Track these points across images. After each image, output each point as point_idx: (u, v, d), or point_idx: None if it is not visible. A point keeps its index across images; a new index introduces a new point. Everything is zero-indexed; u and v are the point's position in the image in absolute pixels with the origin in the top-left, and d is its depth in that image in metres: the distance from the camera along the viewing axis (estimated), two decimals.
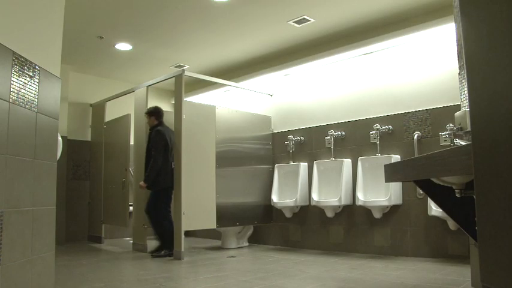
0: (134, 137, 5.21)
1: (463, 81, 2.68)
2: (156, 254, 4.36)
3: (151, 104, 5.37)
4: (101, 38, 4.82)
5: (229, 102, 5.90)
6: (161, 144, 4.45)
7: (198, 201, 4.48)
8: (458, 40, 2.73)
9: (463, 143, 1.92)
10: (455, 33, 2.81)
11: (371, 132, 4.38)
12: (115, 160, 5.44)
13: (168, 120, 4.70)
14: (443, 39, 3.98)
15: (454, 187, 1.68)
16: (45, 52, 2.31)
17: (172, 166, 4.48)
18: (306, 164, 4.95)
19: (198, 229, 5.95)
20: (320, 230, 4.81)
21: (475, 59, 0.97)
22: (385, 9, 4.12)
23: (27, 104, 2.05)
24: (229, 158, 4.95)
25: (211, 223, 4.60)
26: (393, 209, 4.17)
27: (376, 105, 4.46)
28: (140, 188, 4.53)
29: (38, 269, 2.15)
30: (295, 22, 4.41)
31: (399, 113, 4.26)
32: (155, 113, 4.65)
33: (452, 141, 3.53)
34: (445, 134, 3.65)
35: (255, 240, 5.43)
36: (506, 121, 0.83)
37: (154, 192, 4.49)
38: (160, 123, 4.63)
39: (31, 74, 2.10)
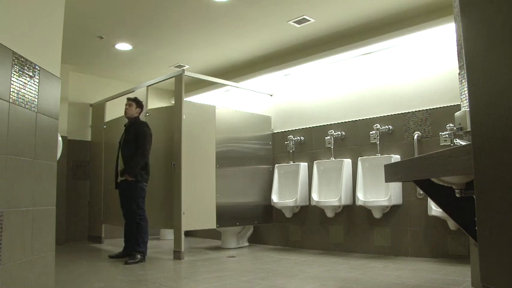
0: None
1: (463, 81, 2.68)
2: (132, 260, 3.96)
3: (152, 104, 5.38)
4: (101, 38, 4.82)
5: (229, 102, 5.90)
6: (150, 137, 4.29)
7: (198, 201, 4.48)
8: (458, 40, 2.73)
9: (463, 143, 1.92)
10: (455, 33, 2.81)
11: (371, 132, 4.38)
12: (115, 160, 5.43)
13: (168, 119, 4.70)
14: (443, 39, 3.98)
15: (454, 187, 1.68)
16: (45, 52, 2.31)
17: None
18: (306, 164, 4.95)
19: (198, 229, 5.94)
20: (320, 230, 4.81)
21: (475, 59, 0.97)
22: (385, 9, 4.12)
23: (27, 104, 2.05)
24: (229, 158, 4.95)
25: (211, 223, 4.60)
26: (393, 209, 4.17)
27: (376, 105, 4.46)
28: (128, 180, 4.16)
29: (38, 269, 2.15)
30: (295, 22, 4.41)
31: (399, 113, 4.26)
32: (141, 106, 4.46)
33: (452, 141, 3.53)
34: (445, 134, 3.64)
35: (255, 240, 5.43)
36: (506, 121, 0.83)
37: (133, 189, 4.16)
38: (138, 118, 4.43)
39: (31, 74, 2.10)
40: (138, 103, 4.43)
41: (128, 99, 4.47)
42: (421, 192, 3.92)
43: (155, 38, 4.88)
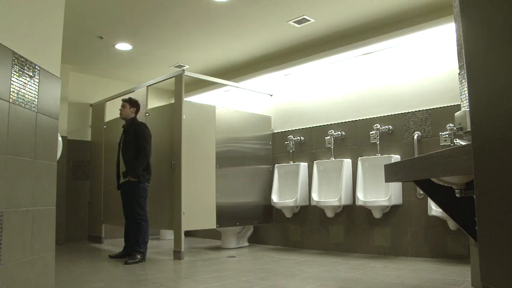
0: None
1: (463, 81, 2.68)
2: (132, 260, 3.95)
3: (152, 104, 5.38)
4: (101, 38, 4.82)
5: (229, 102, 5.90)
6: (150, 138, 4.28)
7: (198, 201, 4.48)
8: (458, 40, 2.73)
9: (463, 143, 1.92)
10: (455, 33, 2.81)
11: (371, 132, 4.38)
12: (115, 161, 5.43)
13: (168, 118, 4.70)
14: (443, 39, 3.98)
15: (454, 187, 1.68)
16: (45, 52, 2.31)
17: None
18: (306, 164, 4.95)
19: (198, 229, 5.95)
20: (320, 230, 4.81)
21: (475, 59, 0.97)
22: (385, 9, 4.12)
23: (27, 104, 2.06)
24: (229, 158, 4.95)
25: (211, 223, 4.60)
26: (393, 209, 4.17)
27: (376, 105, 4.46)
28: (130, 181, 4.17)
29: (38, 269, 2.15)
30: (295, 22, 4.41)
31: (399, 113, 4.26)
32: (136, 105, 4.40)
33: (452, 141, 3.53)
34: (445, 134, 3.64)
35: (255, 240, 5.43)
36: (506, 121, 0.83)
37: (135, 189, 4.15)
38: (136, 118, 4.41)
39: (31, 74, 2.10)
40: (131, 103, 4.38)
41: (122, 100, 4.44)
42: (421, 192, 3.92)
43: (155, 38, 4.88)
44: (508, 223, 0.83)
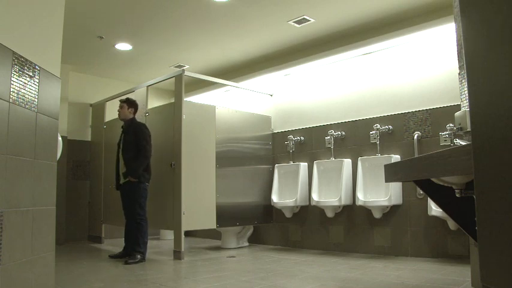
0: None
1: (463, 81, 2.68)
2: (132, 260, 3.96)
3: (152, 104, 5.38)
4: (101, 38, 4.82)
5: (229, 102, 5.90)
6: (149, 138, 4.28)
7: (198, 201, 4.48)
8: (458, 40, 2.73)
9: (463, 143, 1.92)
10: (455, 33, 2.81)
11: (371, 132, 4.38)
12: (115, 161, 5.42)
13: (168, 118, 4.70)
14: (443, 39, 3.98)
15: (454, 187, 1.68)
16: (45, 52, 2.31)
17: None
18: (306, 164, 4.95)
19: (198, 229, 5.94)
20: (320, 230, 4.81)
21: (475, 59, 0.97)
22: (385, 9, 4.12)
23: (27, 104, 2.06)
24: (229, 158, 4.95)
25: (211, 223, 4.60)
26: (393, 209, 4.17)
27: (376, 105, 4.46)
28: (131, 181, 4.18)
29: (38, 269, 2.15)
30: (295, 22, 4.41)
31: (399, 113, 4.26)
32: (134, 106, 4.40)
33: (452, 141, 3.53)
34: (445, 134, 3.64)
35: (255, 240, 5.43)
36: (506, 121, 0.83)
37: (135, 190, 4.15)
38: (134, 118, 4.42)
39: (31, 74, 2.10)
40: (129, 103, 4.38)
41: (120, 101, 4.44)
42: (421, 192, 3.92)
43: (155, 38, 4.88)
44: (508, 223, 0.83)
